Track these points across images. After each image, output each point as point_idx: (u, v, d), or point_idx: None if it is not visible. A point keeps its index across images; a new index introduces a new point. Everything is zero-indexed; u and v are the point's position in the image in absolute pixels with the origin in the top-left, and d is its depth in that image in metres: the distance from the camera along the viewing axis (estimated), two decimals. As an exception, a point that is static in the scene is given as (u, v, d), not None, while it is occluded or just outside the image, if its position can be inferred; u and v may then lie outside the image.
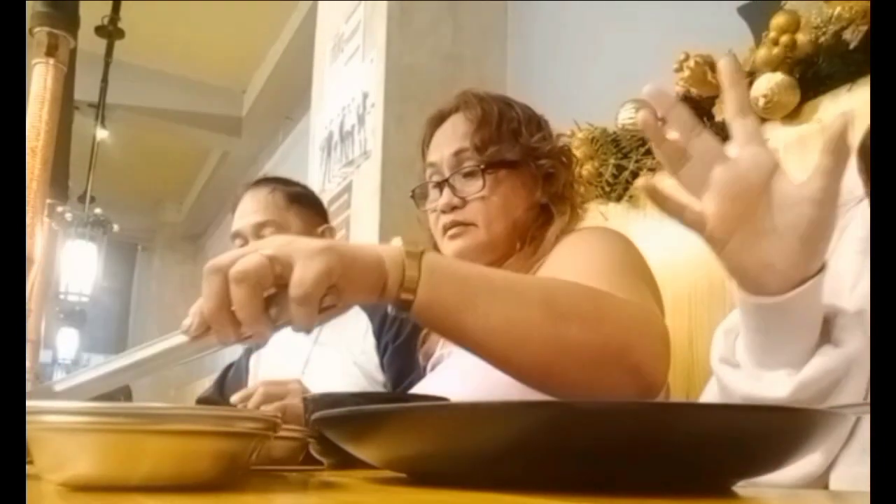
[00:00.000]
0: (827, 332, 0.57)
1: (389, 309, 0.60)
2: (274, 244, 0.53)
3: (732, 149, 0.54)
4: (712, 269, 1.26)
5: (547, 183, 0.92)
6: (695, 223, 0.55)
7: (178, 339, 0.52)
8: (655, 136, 0.56)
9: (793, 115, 1.11)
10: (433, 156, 0.95)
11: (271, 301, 0.52)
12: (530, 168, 0.92)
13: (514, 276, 0.68)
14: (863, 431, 0.55)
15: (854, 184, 0.61)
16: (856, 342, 0.55)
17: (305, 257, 0.52)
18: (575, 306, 0.61)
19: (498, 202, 0.90)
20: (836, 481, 0.56)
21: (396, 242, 0.61)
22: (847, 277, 0.61)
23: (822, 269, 0.53)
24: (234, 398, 0.94)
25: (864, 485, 0.52)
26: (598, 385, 0.60)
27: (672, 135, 0.56)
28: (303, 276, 0.51)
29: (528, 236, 0.91)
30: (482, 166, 0.90)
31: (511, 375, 0.62)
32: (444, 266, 0.60)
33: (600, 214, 1.40)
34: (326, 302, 0.53)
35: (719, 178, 0.53)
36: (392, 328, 1.27)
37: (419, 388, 0.92)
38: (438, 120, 0.98)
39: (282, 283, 0.52)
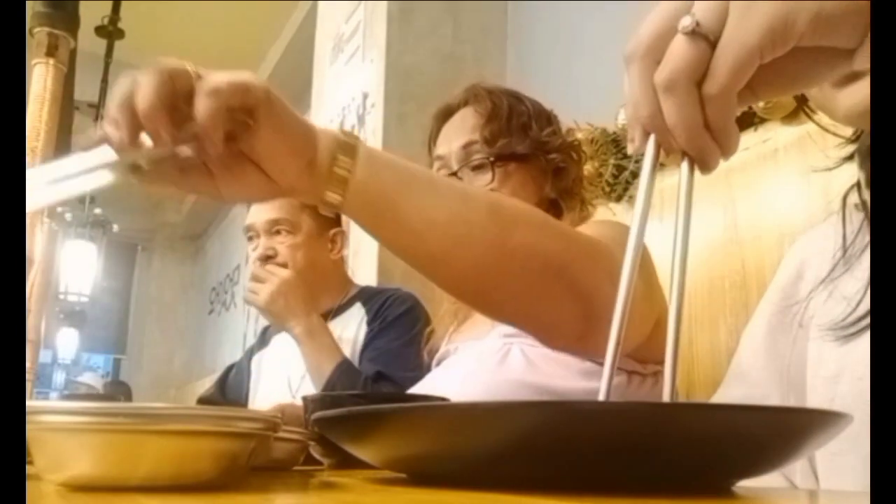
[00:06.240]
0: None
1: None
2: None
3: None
4: (712, 269, 1.26)
5: (556, 177, 0.92)
6: None
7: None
8: None
9: (793, 115, 1.11)
10: (441, 149, 0.94)
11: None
12: (540, 162, 0.92)
13: (456, 180, 0.64)
14: None
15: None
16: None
17: (237, 72, 0.50)
18: (522, 214, 0.57)
19: (507, 195, 0.90)
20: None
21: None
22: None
23: None
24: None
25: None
26: (539, 300, 0.56)
27: None
28: (222, 75, 0.49)
29: None
30: (491, 159, 0.89)
31: (447, 281, 0.58)
32: (383, 154, 0.56)
33: (609, 210, 1.40)
34: (238, 125, 0.49)
35: None
36: (379, 317, 1.29)
37: (423, 385, 0.92)
38: (447, 114, 0.97)
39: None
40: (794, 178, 1.10)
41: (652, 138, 0.39)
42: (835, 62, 0.36)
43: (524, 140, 0.91)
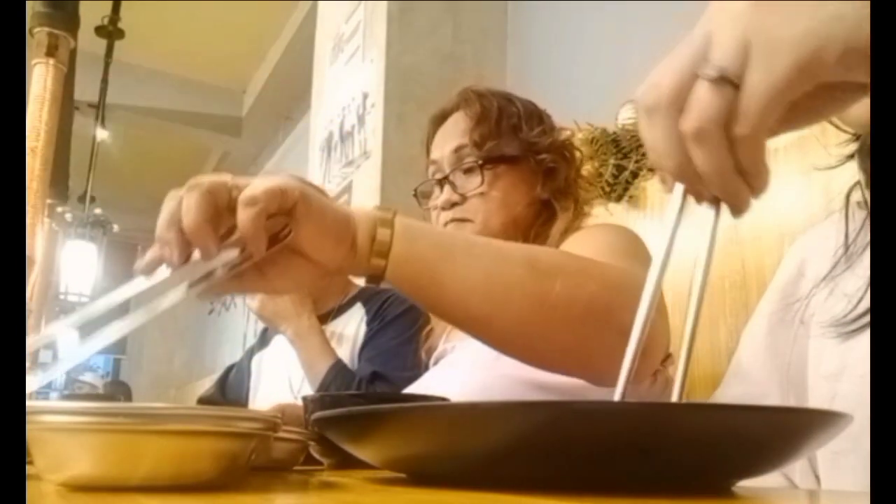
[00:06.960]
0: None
1: (365, 281, 0.56)
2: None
3: None
4: (713, 269, 1.26)
5: (548, 178, 0.92)
6: None
7: (162, 275, 0.52)
8: None
9: (793, 116, 1.11)
10: (434, 153, 0.95)
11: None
12: (530, 163, 0.92)
13: (492, 239, 0.65)
14: None
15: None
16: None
17: (270, 177, 0.51)
18: (558, 265, 0.57)
19: (497, 198, 0.89)
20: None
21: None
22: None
23: None
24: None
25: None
26: (586, 346, 0.56)
27: None
28: (258, 183, 0.50)
29: (530, 234, 0.90)
30: (480, 162, 0.90)
31: (493, 340, 0.58)
32: (418, 224, 0.58)
33: (606, 211, 1.40)
34: (280, 226, 0.51)
35: None
36: (378, 316, 1.29)
37: (421, 383, 0.92)
38: (441, 118, 0.98)
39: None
40: (795, 178, 1.10)
41: (678, 187, 0.38)
42: (851, 96, 0.35)
43: (513, 141, 0.91)
